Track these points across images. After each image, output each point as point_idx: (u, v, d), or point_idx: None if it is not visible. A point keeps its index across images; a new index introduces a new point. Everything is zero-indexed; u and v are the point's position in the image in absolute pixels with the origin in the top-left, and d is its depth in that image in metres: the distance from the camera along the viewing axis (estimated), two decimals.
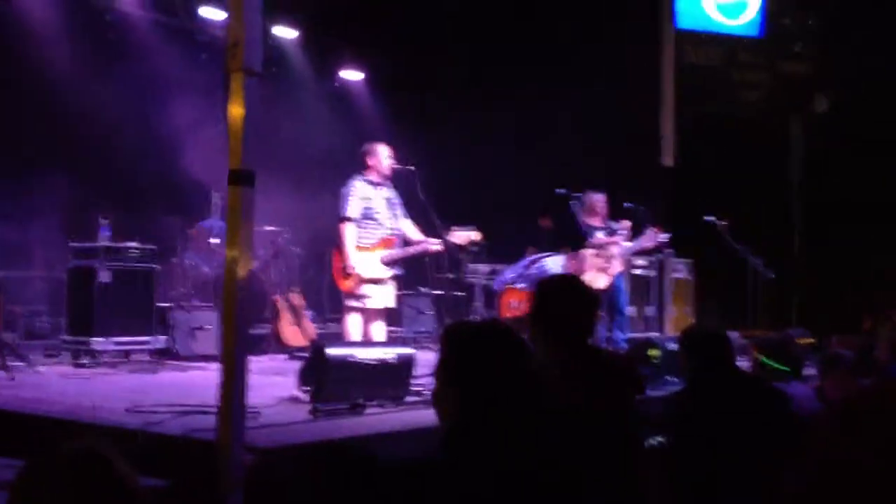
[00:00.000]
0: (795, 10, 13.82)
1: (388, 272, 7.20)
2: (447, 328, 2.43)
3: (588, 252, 8.70)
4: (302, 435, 4.98)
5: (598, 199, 9.17)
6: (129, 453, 4.74)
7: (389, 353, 6.20)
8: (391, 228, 7.23)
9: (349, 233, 7.06)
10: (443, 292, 10.87)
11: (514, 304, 8.56)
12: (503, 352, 2.24)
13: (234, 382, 4.21)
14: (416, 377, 6.37)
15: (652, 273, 11.45)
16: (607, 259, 9.10)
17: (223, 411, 4.23)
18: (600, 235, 9.20)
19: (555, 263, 8.82)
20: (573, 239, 8.54)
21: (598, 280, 8.95)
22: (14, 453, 4.40)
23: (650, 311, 11.37)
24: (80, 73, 8.87)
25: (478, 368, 2.21)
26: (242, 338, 4.24)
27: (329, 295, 11.14)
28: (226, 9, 4.06)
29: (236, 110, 4.08)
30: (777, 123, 13.62)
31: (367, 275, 7.06)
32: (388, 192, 7.30)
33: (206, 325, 8.58)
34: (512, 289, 8.60)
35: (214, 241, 9.75)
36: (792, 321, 11.73)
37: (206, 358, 8.41)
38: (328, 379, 5.83)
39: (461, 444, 2.12)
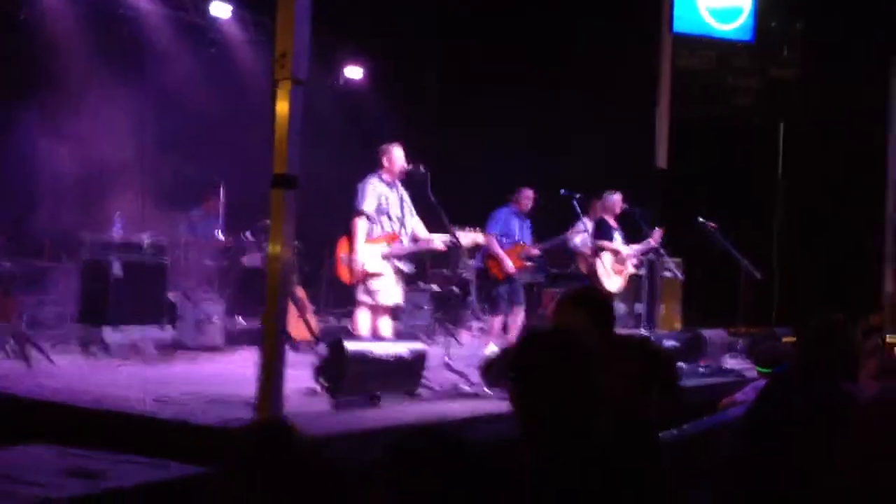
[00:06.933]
0: (783, 15, 14.13)
1: (387, 266, 7.34)
2: (517, 358, 2.54)
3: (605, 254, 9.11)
4: (331, 425, 5.20)
5: (617, 200, 9.45)
6: (162, 442, 4.91)
7: (403, 349, 6.46)
8: (401, 226, 7.40)
9: (361, 226, 7.21)
10: (439, 288, 11.16)
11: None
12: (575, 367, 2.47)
13: (273, 375, 4.44)
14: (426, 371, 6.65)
15: (642, 272, 11.72)
16: (622, 261, 9.40)
17: (262, 402, 4.45)
18: (618, 236, 9.49)
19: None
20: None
21: (613, 282, 9.25)
22: (53, 440, 4.53)
23: (640, 308, 11.67)
24: (92, 67, 8.99)
25: (552, 389, 2.43)
26: (282, 332, 4.47)
27: (327, 289, 11.32)
28: (273, 19, 4.24)
29: (282, 117, 4.28)
30: (766, 127, 13.93)
31: (368, 268, 7.22)
32: (399, 191, 7.49)
33: (212, 316, 8.73)
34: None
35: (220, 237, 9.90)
36: (773, 319, 12.05)
37: (212, 349, 8.62)
38: (347, 372, 6.04)
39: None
